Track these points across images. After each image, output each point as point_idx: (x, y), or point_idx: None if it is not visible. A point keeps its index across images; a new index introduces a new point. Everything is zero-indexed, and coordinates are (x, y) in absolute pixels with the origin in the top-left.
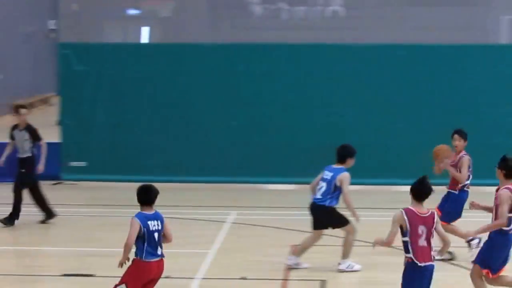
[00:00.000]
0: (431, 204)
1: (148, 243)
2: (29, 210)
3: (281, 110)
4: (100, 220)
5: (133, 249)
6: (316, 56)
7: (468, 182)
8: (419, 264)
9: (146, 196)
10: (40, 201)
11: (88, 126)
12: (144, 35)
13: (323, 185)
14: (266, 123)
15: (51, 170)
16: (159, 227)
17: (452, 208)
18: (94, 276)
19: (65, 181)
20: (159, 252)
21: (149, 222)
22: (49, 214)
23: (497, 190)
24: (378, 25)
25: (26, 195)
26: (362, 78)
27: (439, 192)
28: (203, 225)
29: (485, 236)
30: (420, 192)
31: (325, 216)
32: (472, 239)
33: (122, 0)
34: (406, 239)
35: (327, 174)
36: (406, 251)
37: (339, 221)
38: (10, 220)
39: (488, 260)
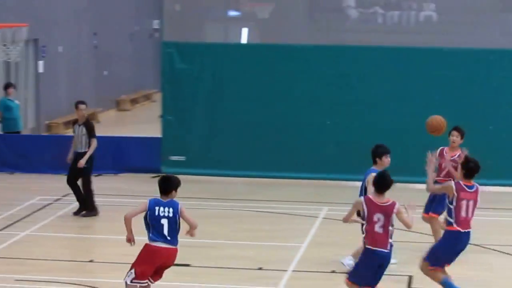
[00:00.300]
0: None
1: (152, 228)
2: (124, 201)
3: (377, 112)
4: (196, 213)
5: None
6: (410, 59)
7: None
8: (368, 247)
9: (161, 186)
10: (80, 194)
11: (188, 122)
12: (243, 35)
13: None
14: (360, 122)
15: (151, 163)
16: (170, 214)
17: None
18: (190, 266)
19: (164, 174)
20: (168, 239)
21: (156, 207)
22: (85, 206)
23: None
24: (471, 30)
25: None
26: (455, 82)
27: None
28: (296, 220)
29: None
30: (381, 184)
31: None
32: None
33: (223, 2)
34: (364, 222)
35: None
36: (362, 232)
37: None
38: (92, 211)
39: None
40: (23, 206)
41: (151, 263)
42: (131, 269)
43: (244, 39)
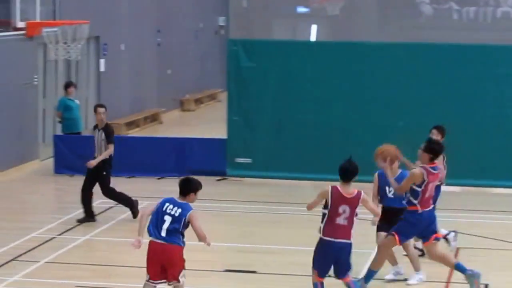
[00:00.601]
0: None
1: (152, 221)
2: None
3: (452, 112)
4: (263, 217)
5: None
6: (486, 57)
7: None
8: (324, 238)
9: (180, 187)
10: (89, 201)
11: (254, 123)
12: (312, 33)
13: None
14: (434, 123)
15: (217, 165)
16: (175, 214)
17: None
18: (256, 272)
19: (230, 177)
20: (163, 235)
21: (167, 203)
22: (89, 216)
23: None
24: None
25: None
26: None
27: None
28: (365, 225)
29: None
30: (347, 171)
31: None
32: (448, 234)
33: None
34: (325, 211)
35: None
36: (322, 221)
37: None
38: (133, 210)
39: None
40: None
41: (152, 260)
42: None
43: (313, 37)
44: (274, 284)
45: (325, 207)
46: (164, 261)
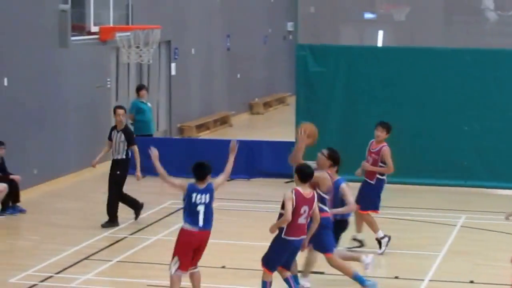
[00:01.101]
0: None
1: (188, 213)
2: (257, 206)
3: None
4: None
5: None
6: None
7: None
8: (287, 238)
9: (198, 172)
10: (129, 200)
11: (322, 127)
12: (379, 38)
13: None
14: (500, 128)
15: (285, 168)
16: (206, 201)
17: (370, 196)
18: (324, 273)
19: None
20: (200, 224)
21: (193, 194)
22: (112, 220)
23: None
24: None
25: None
26: None
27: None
28: (434, 227)
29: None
30: (307, 174)
31: None
32: (383, 237)
33: (359, 4)
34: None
35: None
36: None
37: None
38: (137, 212)
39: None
40: (154, 210)
41: (190, 249)
42: (174, 257)
43: (379, 42)
44: (342, 285)
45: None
46: (201, 246)
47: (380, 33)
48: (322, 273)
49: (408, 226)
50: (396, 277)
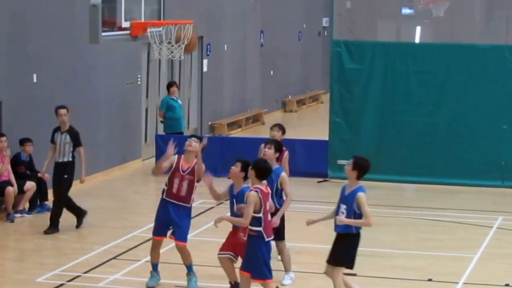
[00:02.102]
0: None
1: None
2: (290, 206)
3: None
4: None
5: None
6: None
7: None
8: (266, 239)
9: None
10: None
11: (356, 125)
12: (417, 34)
13: None
14: None
15: (318, 167)
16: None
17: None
18: (356, 275)
19: (331, 178)
20: None
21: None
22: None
23: None
24: None
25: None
26: None
27: None
28: (469, 229)
29: None
30: (264, 171)
31: None
32: None
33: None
34: (260, 215)
35: None
36: (257, 225)
37: None
38: (79, 220)
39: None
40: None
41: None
42: None
43: (417, 38)
44: (374, 287)
45: (257, 211)
46: None
47: (418, 29)
48: (354, 275)
49: (442, 227)
50: (430, 280)
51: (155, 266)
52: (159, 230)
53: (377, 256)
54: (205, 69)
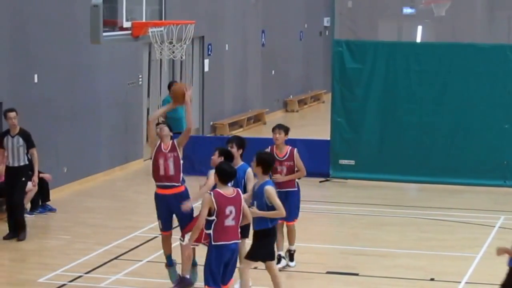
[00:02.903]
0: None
1: None
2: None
3: None
4: (367, 219)
5: None
6: None
7: None
8: (217, 243)
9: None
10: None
11: (358, 124)
12: (418, 34)
13: None
14: None
15: (320, 167)
16: None
17: (297, 205)
18: (358, 275)
19: (333, 178)
20: None
21: None
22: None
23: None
24: None
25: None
26: None
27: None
28: (472, 229)
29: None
30: (226, 175)
31: None
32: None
33: None
34: (213, 218)
35: None
36: (208, 227)
37: None
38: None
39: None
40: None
41: None
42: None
43: (418, 38)
44: (377, 286)
45: (211, 214)
46: None
47: (420, 29)
48: (357, 274)
49: (445, 227)
50: (432, 279)
51: (169, 258)
52: (165, 225)
53: (380, 255)
54: (206, 69)
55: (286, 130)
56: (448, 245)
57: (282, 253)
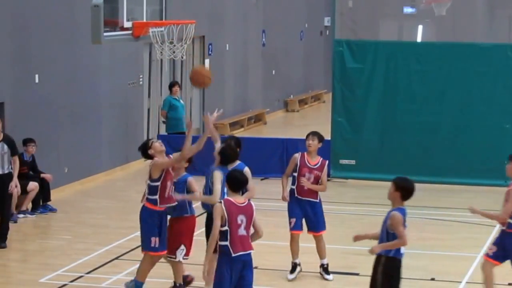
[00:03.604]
0: None
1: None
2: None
3: None
4: (368, 219)
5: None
6: None
7: None
8: (233, 255)
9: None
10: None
11: (359, 124)
12: (419, 33)
13: None
14: None
15: None
16: None
17: (322, 216)
18: (359, 275)
19: (333, 178)
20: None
21: None
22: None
23: None
24: None
25: None
26: None
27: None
28: (473, 228)
29: None
30: (237, 183)
31: None
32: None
33: None
34: (226, 228)
35: None
36: (223, 239)
37: None
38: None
39: None
40: None
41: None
42: (181, 245)
43: (419, 37)
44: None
45: (223, 224)
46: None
47: (420, 28)
48: (357, 274)
49: (445, 227)
50: (433, 279)
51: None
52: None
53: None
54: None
55: (320, 138)
56: (448, 245)
57: (298, 261)
